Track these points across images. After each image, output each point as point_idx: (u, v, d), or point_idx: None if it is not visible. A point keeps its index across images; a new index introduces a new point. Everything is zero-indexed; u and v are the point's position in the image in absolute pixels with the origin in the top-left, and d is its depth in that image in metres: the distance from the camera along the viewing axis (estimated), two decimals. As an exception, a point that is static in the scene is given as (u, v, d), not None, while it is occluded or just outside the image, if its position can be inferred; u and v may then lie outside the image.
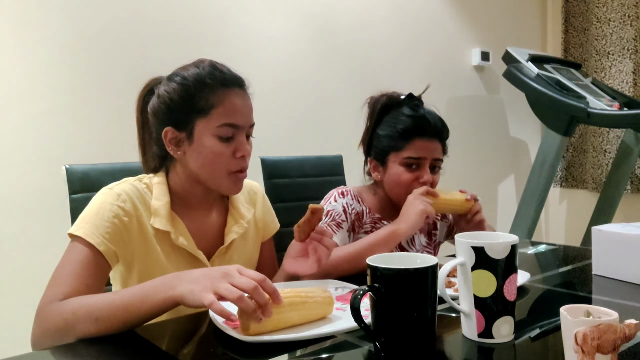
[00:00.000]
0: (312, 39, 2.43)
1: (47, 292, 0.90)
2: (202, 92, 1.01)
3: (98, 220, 0.96)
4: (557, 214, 3.58)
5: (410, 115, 1.33)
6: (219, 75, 1.03)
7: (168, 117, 1.04)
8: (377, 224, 1.37)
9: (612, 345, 0.60)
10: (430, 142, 1.32)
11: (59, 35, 1.78)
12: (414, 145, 1.31)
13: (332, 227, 1.30)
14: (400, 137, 1.32)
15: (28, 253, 1.71)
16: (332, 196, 1.36)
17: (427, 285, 0.68)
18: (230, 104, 1.02)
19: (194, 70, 1.04)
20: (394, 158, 1.33)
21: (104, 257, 0.95)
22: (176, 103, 1.03)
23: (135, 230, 1.00)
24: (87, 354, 0.79)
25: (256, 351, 0.75)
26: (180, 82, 1.03)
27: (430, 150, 1.32)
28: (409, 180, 1.31)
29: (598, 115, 2.51)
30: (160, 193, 1.05)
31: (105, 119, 1.86)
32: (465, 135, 3.10)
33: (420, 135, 1.31)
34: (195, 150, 1.03)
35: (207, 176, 1.04)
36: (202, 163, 1.03)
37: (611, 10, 3.16)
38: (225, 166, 1.03)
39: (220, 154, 1.02)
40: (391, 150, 1.33)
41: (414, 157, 1.31)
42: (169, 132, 1.04)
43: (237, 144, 1.03)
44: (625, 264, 1.07)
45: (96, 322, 0.82)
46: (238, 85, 1.05)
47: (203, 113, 1.01)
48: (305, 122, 2.40)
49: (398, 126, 1.33)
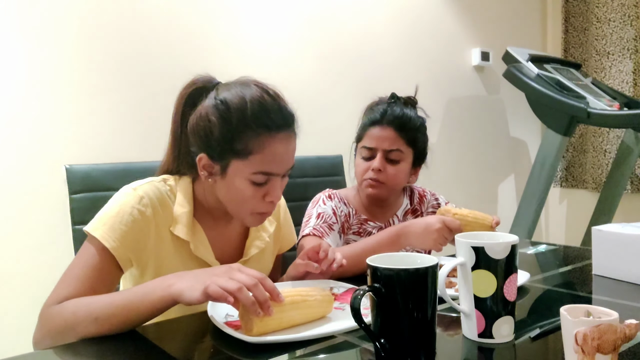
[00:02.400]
0: (312, 39, 2.43)
1: (53, 293, 0.90)
2: (243, 134, 0.94)
3: (116, 223, 0.94)
4: (557, 214, 3.58)
5: (373, 109, 1.36)
6: (265, 120, 0.95)
7: (205, 145, 0.98)
8: (364, 224, 1.38)
9: (613, 346, 0.60)
10: (382, 130, 1.32)
11: (59, 35, 1.77)
12: (367, 134, 1.35)
13: (324, 229, 1.30)
14: (361, 129, 1.37)
15: (28, 253, 1.70)
16: (320, 199, 1.37)
17: (427, 285, 0.68)
18: (271, 153, 0.96)
19: (239, 102, 0.95)
20: (358, 151, 1.39)
21: (117, 263, 0.94)
22: (215, 136, 0.96)
23: (153, 236, 0.98)
24: (88, 353, 0.79)
25: (256, 351, 0.75)
26: (223, 115, 0.95)
27: (382, 140, 1.32)
28: (364, 169, 1.34)
29: (598, 115, 2.51)
30: (184, 199, 1.02)
31: (105, 118, 1.86)
32: (465, 136, 3.10)
33: (373, 124, 1.34)
34: (225, 185, 0.99)
35: (231, 210, 1.02)
36: (229, 198, 1.00)
37: (611, 10, 3.16)
38: (252, 207, 1.00)
39: (250, 197, 0.98)
40: (357, 142, 1.39)
41: (367, 146, 1.34)
42: (204, 159, 0.99)
43: (269, 188, 0.99)
44: (625, 264, 1.07)
45: (96, 321, 0.82)
46: (285, 129, 0.98)
47: (241, 156, 0.95)
48: (305, 122, 2.39)
49: (365, 119, 1.37)
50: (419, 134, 1.36)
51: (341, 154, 1.81)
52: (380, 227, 1.39)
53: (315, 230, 1.29)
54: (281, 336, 0.79)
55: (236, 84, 1.00)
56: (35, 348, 0.88)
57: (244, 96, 0.96)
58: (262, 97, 0.97)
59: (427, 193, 1.48)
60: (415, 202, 1.46)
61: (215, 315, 0.86)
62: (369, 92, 1.44)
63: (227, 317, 0.87)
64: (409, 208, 1.45)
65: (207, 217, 1.06)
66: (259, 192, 0.98)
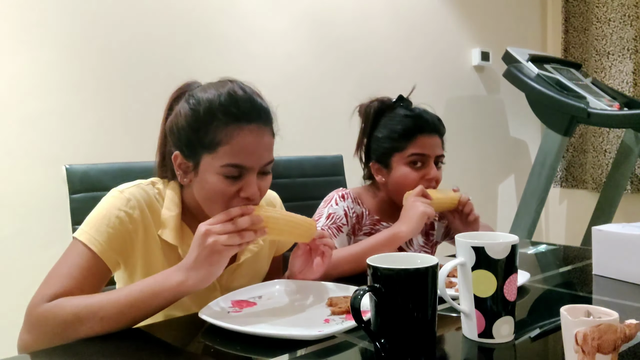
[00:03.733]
0: (312, 39, 2.43)
1: (38, 291, 0.88)
2: (210, 125, 0.92)
3: (103, 225, 0.93)
4: (557, 214, 3.58)
5: (408, 115, 1.34)
6: (233, 109, 0.93)
7: (178, 142, 0.97)
8: (377, 225, 1.37)
9: (613, 346, 0.60)
10: (431, 138, 1.33)
11: (59, 35, 1.78)
12: (417, 142, 1.31)
13: (333, 230, 1.30)
14: (402, 137, 1.32)
15: (28, 253, 1.70)
16: (333, 199, 1.35)
17: (427, 285, 0.68)
18: (239, 144, 0.92)
19: (210, 95, 0.95)
20: (398, 158, 1.33)
21: (105, 263, 0.93)
22: (185, 131, 0.95)
23: (141, 239, 0.98)
24: (88, 353, 0.79)
25: (257, 351, 0.75)
26: (193, 107, 0.95)
27: (433, 146, 1.33)
28: (416, 179, 1.32)
29: (598, 115, 2.51)
30: (171, 203, 1.01)
31: (105, 119, 1.86)
32: (465, 135, 3.10)
33: (422, 132, 1.32)
34: (199, 183, 0.97)
35: (207, 210, 0.98)
36: (203, 196, 0.97)
37: (611, 10, 3.16)
38: (227, 204, 0.94)
39: (222, 193, 0.94)
40: (394, 151, 1.33)
41: (419, 153, 1.31)
42: (178, 157, 0.98)
43: (243, 184, 0.94)
44: (625, 264, 1.07)
45: (101, 321, 0.82)
46: (255, 121, 0.94)
47: (210, 149, 0.93)
48: (305, 122, 2.40)
49: (398, 127, 1.33)
50: None
51: (341, 154, 1.81)
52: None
53: (323, 230, 1.29)
54: (281, 332, 0.80)
55: (213, 83, 1.00)
56: (23, 349, 0.86)
57: (216, 91, 0.95)
58: (234, 90, 0.95)
59: None
60: None
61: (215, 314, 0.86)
62: (369, 92, 1.44)
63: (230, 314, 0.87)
64: None
65: (195, 221, 1.01)
66: (232, 188, 0.94)
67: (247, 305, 0.95)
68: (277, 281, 1.06)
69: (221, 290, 1.03)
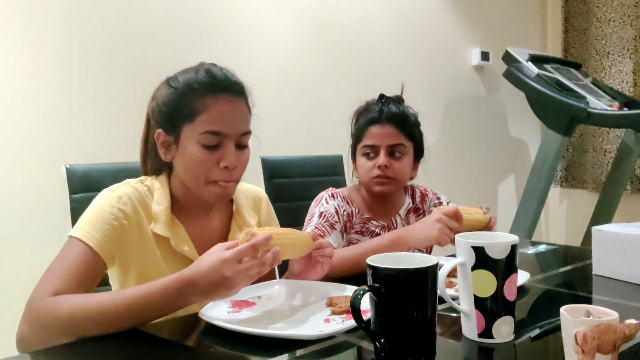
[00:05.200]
0: (312, 39, 2.43)
1: (38, 286, 0.90)
2: (188, 96, 1.00)
3: (98, 222, 0.96)
4: (557, 214, 3.58)
5: (368, 110, 1.38)
6: (209, 80, 1.00)
7: (160, 119, 1.03)
8: (367, 224, 1.39)
9: (612, 346, 0.60)
10: (382, 128, 1.35)
11: (59, 35, 1.78)
12: (368, 134, 1.36)
13: (326, 228, 1.31)
14: (359, 130, 1.38)
15: (28, 253, 1.70)
16: (323, 198, 1.38)
17: (427, 285, 0.68)
18: (216, 111, 0.99)
19: (188, 74, 1.03)
20: (358, 152, 1.39)
21: (101, 258, 0.95)
22: (167, 106, 1.02)
23: (135, 233, 1.00)
24: (88, 353, 0.79)
25: (257, 351, 0.75)
26: (173, 85, 1.03)
27: (384, 136, 1.35)
28: (369, 168, 1.35)
29: (598, 115, 2.51)
30: (161, 197, 1.04)
31: (105, 118, 1.86)
32: (465, 135, 3.10)
33: (372, 123, 1.36)
34: (180, 155, 1.02)
35: (190, 183, 1.03)
36: (185, 169, 1.02)
37: (611, 10, 3.16)
38: (207, 174, 1.00)
39: (201, 161, 0.99)
40: (356, 144, 1.40)
41: (368, 144, 1.36)
42: (161, 135, 1.03)
43: (222, 153, 1.00)
44: (625, 264, 1.07)
45: (99, 326, 0.83)
46: (230, 92, 1.02)
47: (189, 118, 0.99)
48: (306, 122, 2.40)
49: (359, 122, 1.39)
50: (415, 128, 1.40)
51: (341, 154, 1.81)
52: (382, 226, 1.39)
53: (317, 229, 1.30)
54: (281, 332, 0.80)
55: (191, 67, 1.06)
56: (21, 343, 0.87)
57: (194, 70, 1.03)
58: (209, 67, 1.03)
59: (429, 192, 1.49)
60: (417, 201, 1.46)
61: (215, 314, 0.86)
62: (369, 92, 1.44)
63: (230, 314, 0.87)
64: (411, 206, 1.45)
65: (185, 213, 1.07)
66: (212, 158, 0.99)
67: (246, 305, 0.95)
68: (277, 281, 1.06)
69: None
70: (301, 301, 0.98)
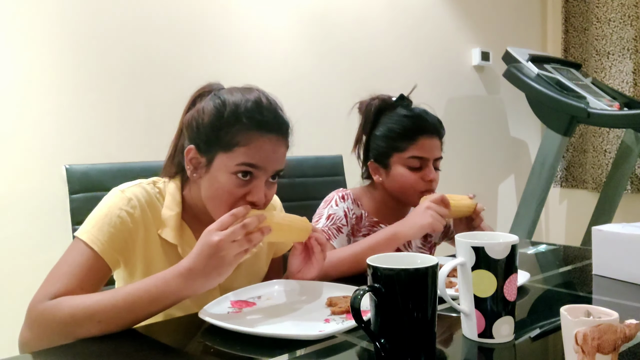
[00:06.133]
0: (312, 38, 2.43)
1: (40, 289, 0.89)
2: (232, 127, 0.95)
3: (105, 225, 0.94)
4: (557, 214, 3.58)
5: (408, 115, 1.33)
6: (258, 117, 0.95)
7: (194, 135, 0.99)
8: (375, 227, 1.37)
9: (613, 346, 0.60)
10: (431, 140, 1.32)
11: (59, 35, 1.77)
12: (418, 144, 1.31)
13: (333, 230, 1.30)
14: (402, 137, 1.31)
15: (28, 253, 1.70)
16: (333, 199, 1.35)
17: (427, 285, 0.68)
18: (257, 147, 0.95)
19: (236, 98, 0.97)
20: (397, 159, 1.32)
21: (106, 262, 0.94)
22: (206, 127, 0.97)
23: (142, 238, 0.98)
24: (88, 353, 0.79)
25: (256, 351, 0.75)
26: (218, 107, 0.97)
27: (433, 149, 1.32)
28: (415, 181, 1.31)
29: (598, 115, 2.51)
30: (172, 202, 1.02)
31: (105, 119, 1.86)
32: (465, 135, 3.10)
33: (422, 134, 1.31)
34: (208, 180, 0.97)
35: (211, 209, 0.99)
36: (211, 194, 0.98)
37: (611, 10, 3.16)
38: (232, 206, 0.95)
39: (230, 193, 0.96)
40: (393, 151, 1.33)
41: (418, 156, 1.30)
42: (191, 151, 0.99)
43: (252, 188, 0.96)
44: (625, 264, 1.07)
45: (99, 324, 0.83)
46: (276, 132, 0.98)
47: (227, 148, 0.95)
48: (306, 122, 2.40)
49: (397, 127, 1.32)
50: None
51: (341, 154, 1.81)
52: None
53: (323, 231, 1.29)
54: (281, 332, 0.80)
55: (239, 87, 1.02)
56: (24, 348, 0.87)
57: (243, 96, 0.98)
58: (260, 99, 0.98)
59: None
60: None
61: (214, 314, 0.86)
62: (369, 92, 1.44)
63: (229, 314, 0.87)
64: None
65: (195, 220, 1.04)
66: (241, 190, 0.96)
67: (246, 305, 0.95)
68: (276, 281, 1.06)
69: (221, 291, 1.03)
70: (301, 301, 0.98)
